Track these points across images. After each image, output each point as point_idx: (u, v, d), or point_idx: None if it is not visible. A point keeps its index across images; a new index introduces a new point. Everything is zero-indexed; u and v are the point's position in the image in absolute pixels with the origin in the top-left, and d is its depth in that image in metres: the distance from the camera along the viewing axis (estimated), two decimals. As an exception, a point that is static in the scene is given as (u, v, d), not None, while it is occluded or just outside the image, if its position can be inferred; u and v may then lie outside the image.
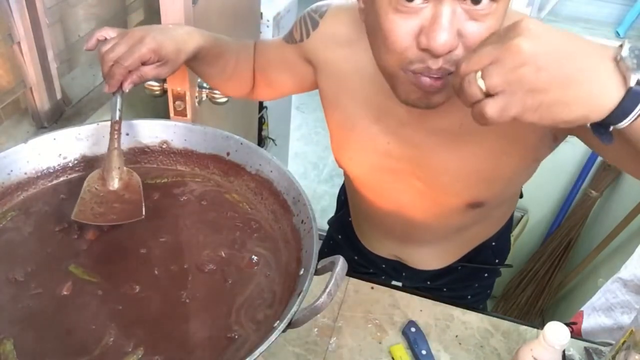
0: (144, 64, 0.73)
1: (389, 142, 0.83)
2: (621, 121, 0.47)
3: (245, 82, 0.96)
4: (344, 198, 1.19)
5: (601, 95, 0.45)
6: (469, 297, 1.16)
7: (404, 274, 1.14)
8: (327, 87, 0.86)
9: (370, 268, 1.18)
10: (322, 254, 1.23)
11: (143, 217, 0.72)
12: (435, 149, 0.80)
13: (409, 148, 0.82)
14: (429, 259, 1.07)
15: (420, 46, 0.59)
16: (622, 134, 0.49)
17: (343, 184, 1.23)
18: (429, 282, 1.13)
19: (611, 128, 0.48)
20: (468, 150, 0.79)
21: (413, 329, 0.89)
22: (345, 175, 1.02)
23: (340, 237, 1.22)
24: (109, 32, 0.76)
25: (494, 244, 1.09)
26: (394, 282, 1.14)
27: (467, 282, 1.14)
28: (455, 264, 1.08)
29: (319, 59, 0.85)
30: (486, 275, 1.14)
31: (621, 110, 0.46)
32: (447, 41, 0.57)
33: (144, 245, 0.71)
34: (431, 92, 0.63)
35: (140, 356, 0.59)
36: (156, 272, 0.68)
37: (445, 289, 1.15)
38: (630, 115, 0.46)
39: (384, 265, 1.15)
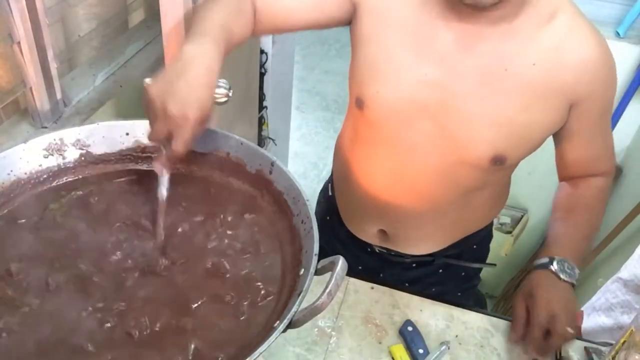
0: None
1: (427, 74, 0.83)
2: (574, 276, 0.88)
3: (249, 25, 0.85)
4: (330, 187, 1.16)
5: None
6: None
7: (381, 274, 1.12)
8: (366, 20, 0.86)
9: (348, 272, 1.13)
10: None
11: None
12: (472, 91, 0.81)
13: (445, 83, 0.82)
14: (418, 237, 1.03)
15: None
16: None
17: (325, 185, 1.20)
18: (407, 284, 1.10)
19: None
20: (506, 98, 0.81)
21: (410, 328, 0.89)
22: (353, 126, 0.97)
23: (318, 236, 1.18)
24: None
25: (475, 246, 1.10)
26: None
27: (447, 286, 1.12)
28: (438, 261, 1.07)
29: None
30: (463, 274, 1.13)
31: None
32: None
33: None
34: None
35: None
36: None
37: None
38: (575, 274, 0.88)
39: (360, 268, 1.12)
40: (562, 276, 0.86)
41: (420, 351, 0.86)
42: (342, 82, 3.47)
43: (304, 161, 2.88)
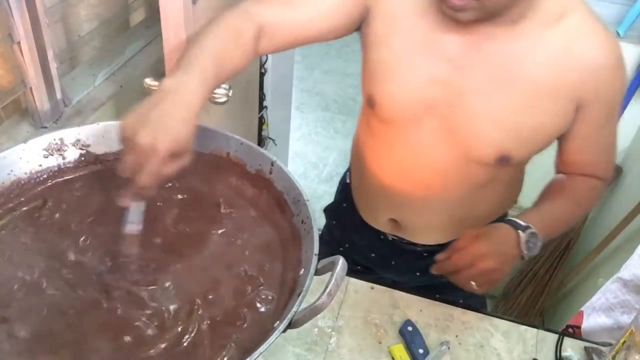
0: None
1: (435, 74, 0.85)
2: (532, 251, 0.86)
3: (247, 50, 0.82)
4: (348, 175, 1.18)
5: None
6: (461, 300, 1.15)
7: (393, 262, 1.14)
8: (377, 24, 0.88)
9: (361, 259, 1.17)
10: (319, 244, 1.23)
11: None
12: (479, 87, 0.83)
13: (453, 81, 0.84)
14: (428, 227, 1.05)
15: None
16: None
17: (344, 173, 1.22)
18: (418, 274, 1.12)
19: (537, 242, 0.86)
20: (512, 96, 0.82)
21: (410, 328, 0.89)
22: (367, 120, 1.00)
23: (334, 222, 1.22)
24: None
25: None
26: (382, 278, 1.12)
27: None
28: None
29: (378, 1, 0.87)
30: None
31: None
32: None
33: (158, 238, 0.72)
34: (455, 9, 0.76)
35: None
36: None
37: (435, 291, 1.10)
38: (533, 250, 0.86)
39: (373, 255, 1.14)
40: (523, 249, 0.84)
41: (420, 351, 0.86)
42: (342, 82, 3.46)
43: (304, 161, 2.88)
